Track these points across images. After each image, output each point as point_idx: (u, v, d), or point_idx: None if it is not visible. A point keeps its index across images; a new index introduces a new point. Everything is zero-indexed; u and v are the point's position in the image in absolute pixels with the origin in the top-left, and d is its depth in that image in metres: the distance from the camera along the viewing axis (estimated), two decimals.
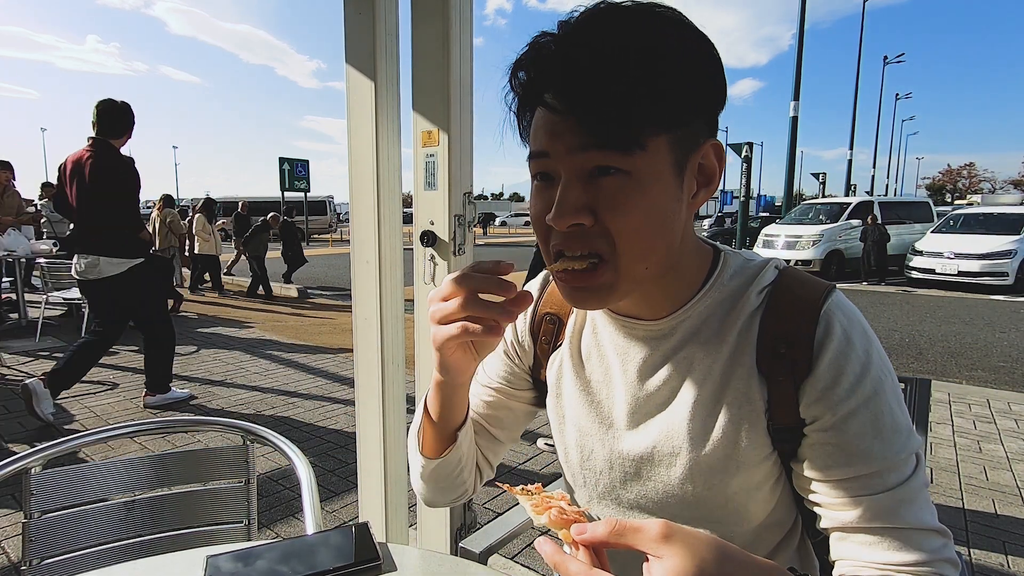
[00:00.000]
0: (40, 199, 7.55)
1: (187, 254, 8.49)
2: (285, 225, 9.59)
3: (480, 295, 0.53)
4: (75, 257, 3.17)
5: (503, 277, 0.53)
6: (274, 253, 9.38)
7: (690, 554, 0.39)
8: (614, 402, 0.69)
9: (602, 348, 0.70)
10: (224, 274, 9.36)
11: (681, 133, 0.54)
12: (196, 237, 8.31)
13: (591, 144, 0.52)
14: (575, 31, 0.53)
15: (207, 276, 8.89)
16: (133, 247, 3.20)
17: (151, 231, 6.96)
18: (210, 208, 8.59)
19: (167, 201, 7.50)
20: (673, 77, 0.52)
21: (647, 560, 0.41)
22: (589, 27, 0.53)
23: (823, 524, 0.60)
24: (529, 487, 0.52)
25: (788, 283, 0.62)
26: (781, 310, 0.60)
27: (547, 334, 0.76)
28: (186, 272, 8.90)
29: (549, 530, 0.47)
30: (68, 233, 3.65)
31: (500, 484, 0.57)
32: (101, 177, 3.07)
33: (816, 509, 0.61)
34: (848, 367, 0.56)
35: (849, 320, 0.58)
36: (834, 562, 0.59)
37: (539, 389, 0.79)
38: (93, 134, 3.14)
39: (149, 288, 3.39)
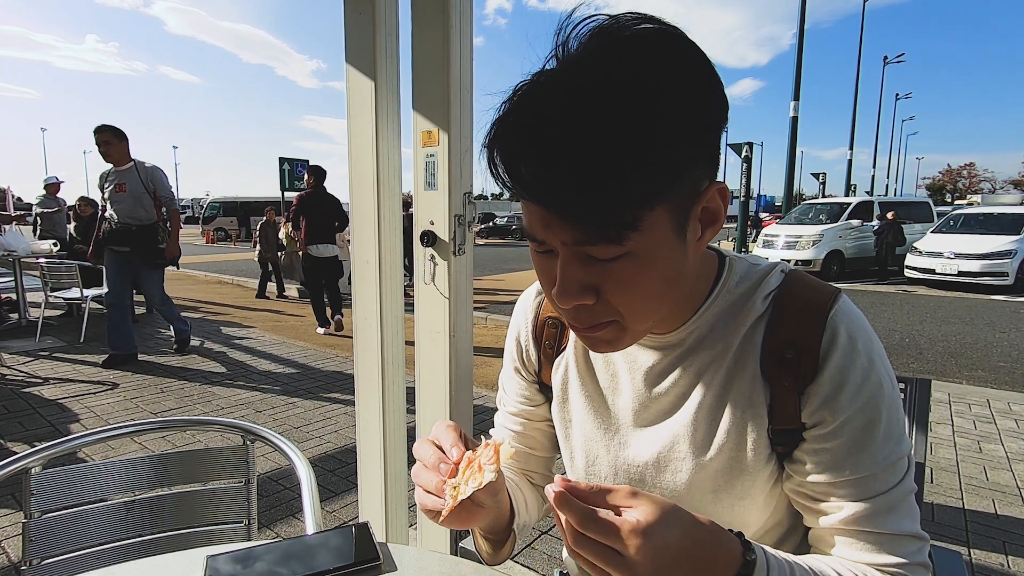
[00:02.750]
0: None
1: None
2: None
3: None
4: (315, 244, 5.58)
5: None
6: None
7: (655, 505, 0.46)
8: (620, 408, 0.69)
9: (609, 354, 0.70)
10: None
11: (678, 192, 0.50)
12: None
13: (583, 240, 0.49)
14: (548, 104, 0.46)
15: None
16: (334, 241, 5.78)
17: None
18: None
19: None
20: (665, 141, 0.46)
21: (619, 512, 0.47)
22: (564, 97, 0.46)
23: (806, 521, 0.63)
24: (448, 491, 0.53)
25: (795, 288, 0.62)
26: (787, 315, 0.60)
27: (550, 338, 0.76)
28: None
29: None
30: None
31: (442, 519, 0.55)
32: (324, 205, 5.63)
33: (800, 508, 0.63)
34: (851, 375, 0.57)
35: (855, 327, 0.58)
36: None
37: (551, 396, 0.78)
38: (310, 179, 5.70)
39: (340, 263, 5.94)
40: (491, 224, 28.00)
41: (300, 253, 5.77)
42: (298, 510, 2.38)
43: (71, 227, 6.50)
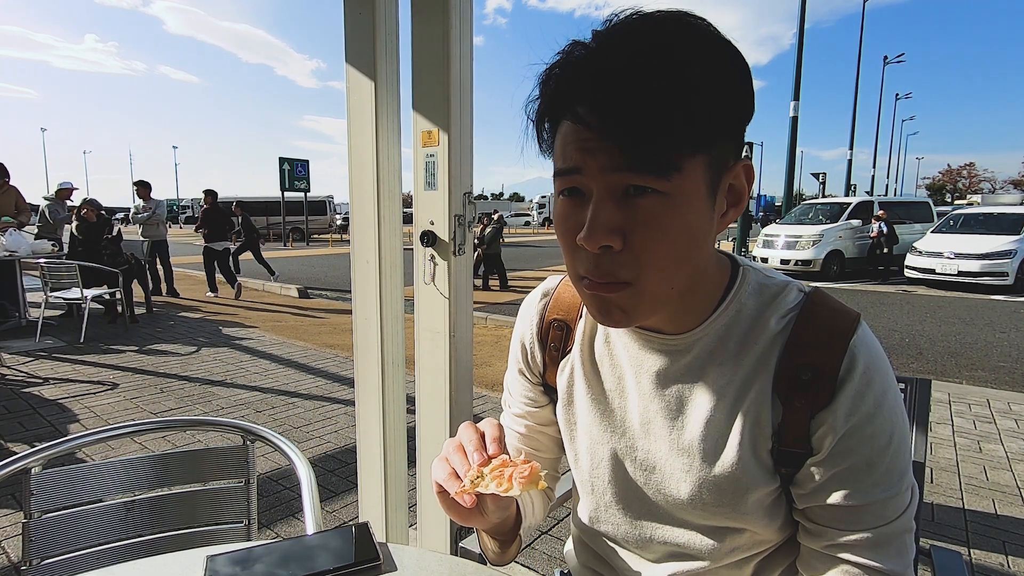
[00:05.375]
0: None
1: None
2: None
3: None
4: (214, 242, 8.16)
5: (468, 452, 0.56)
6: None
7: None
8: (627, 411, 0.69)
9: (615, 356, 0.70)
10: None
11: (717, 153, 0.53)
12: None
13: (627, 165, 0.50)
14: (610, 42, 0.50)
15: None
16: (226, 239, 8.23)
17: None
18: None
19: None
20: (709, 95, 0.50)
21: None
22: (625, 40, 0.50)
23: (799, 537, 0.65)
24: (471, 474, 0.54)
25: (817, 310, 0.61)
26: (808, 337, 0.59)
27: (555, 340, 0.75)
28: None
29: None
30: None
31: (452, 495, 0.56)
32: (219, 216, 8.30)
33: (797, 519, 0.65)
34: (863, 406, 0.57)
35: (873, 358, 0.58)
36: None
37: (556, 397, 0.78)
38: (208, 198, 8.37)
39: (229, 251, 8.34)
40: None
41: (205, 247, 8.21)
42: (298, 510, 2.38)
43: (72, 227, 6.48)
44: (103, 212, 6.56)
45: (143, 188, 7.72)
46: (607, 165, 0.50)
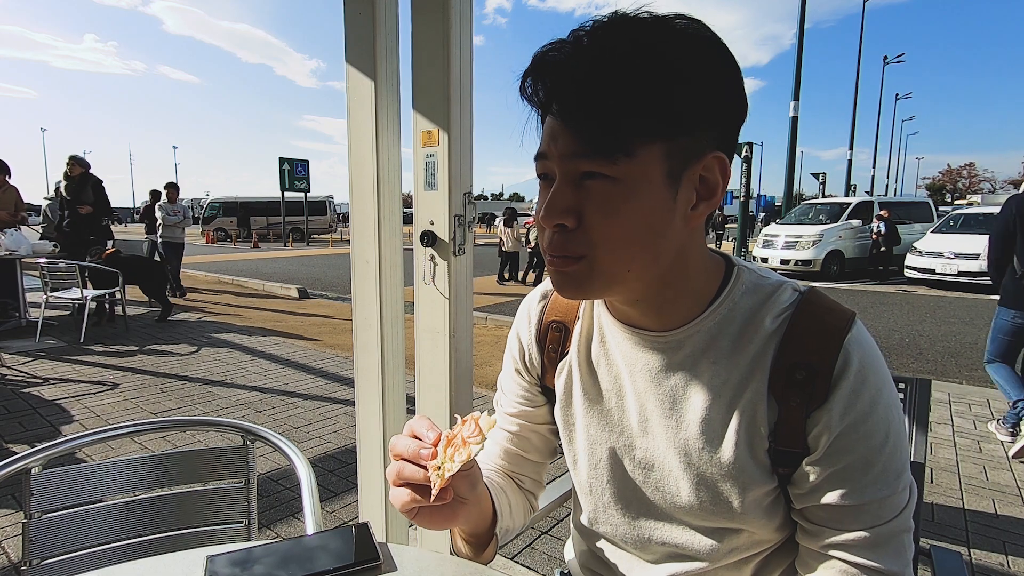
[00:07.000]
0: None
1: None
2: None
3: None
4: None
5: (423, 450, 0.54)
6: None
7: None
8: (624, 410, 0.69)
9: (611, 357, 0.70)
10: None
11: (680, 143, 0.54)
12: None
13: (579, 151, 0.54)
14: (579, 40, 0.54)
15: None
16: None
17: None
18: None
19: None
20: (673, 88, 0.52)
21: None
22: (592, 36, 0.53)
23: (797, 537, 0.65)
24: (434, 463, 0.52)
25: (812, 309, 0.61)
26: (803, 336, 0.59)
27: (554, 342, 0.75)
28: None
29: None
30: None
31: (432, 497, 0.53)
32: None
33: (795, 519, 0.65)
34: (858, 405, 0.57)
35: (868, 356, 0.58)
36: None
37: (553, 399, 0.78)
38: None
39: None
40: None
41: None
42: (298, 510, 2.39)
43: (62, 187, 6.34)
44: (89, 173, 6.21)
45: (173, 191, 7.74)
46: (565, 150, 0.54)
